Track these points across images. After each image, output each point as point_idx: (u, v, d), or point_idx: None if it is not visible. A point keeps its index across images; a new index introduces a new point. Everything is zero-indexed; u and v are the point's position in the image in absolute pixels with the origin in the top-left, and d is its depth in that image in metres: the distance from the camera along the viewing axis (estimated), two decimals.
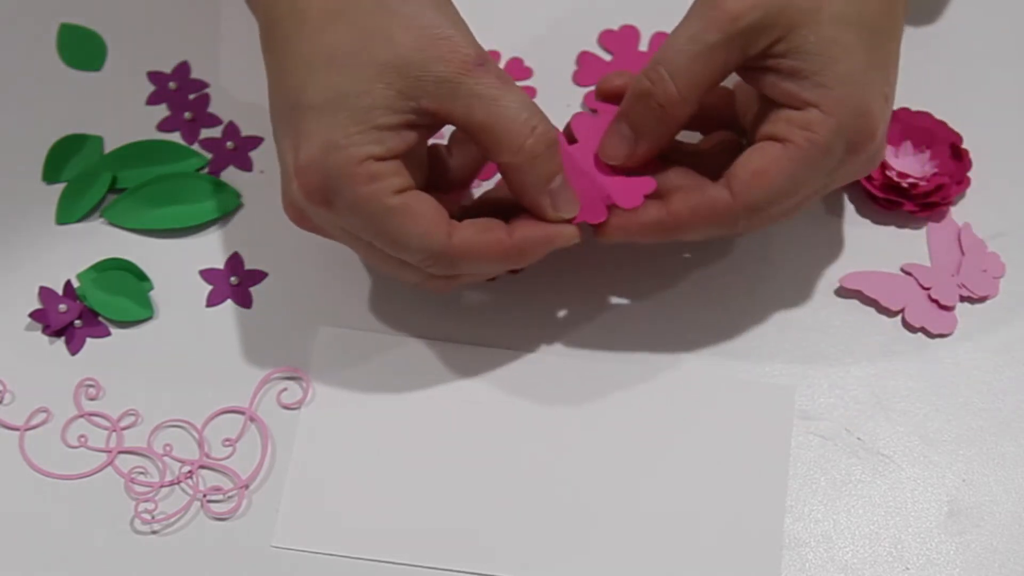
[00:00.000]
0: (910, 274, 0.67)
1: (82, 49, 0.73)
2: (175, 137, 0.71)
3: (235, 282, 0.67)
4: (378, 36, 0.58)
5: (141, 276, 0.67)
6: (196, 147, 0.71)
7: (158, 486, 0.63)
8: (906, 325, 0.67)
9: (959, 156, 0.69)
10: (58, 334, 0.66)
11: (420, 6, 0.58)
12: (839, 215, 0.69)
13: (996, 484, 0.63)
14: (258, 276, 0.68)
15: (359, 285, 0.67)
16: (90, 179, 0.69)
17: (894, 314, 0.67)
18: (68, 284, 0.67)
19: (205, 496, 0.63)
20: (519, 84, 0.60)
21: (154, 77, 0.72)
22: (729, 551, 0.62)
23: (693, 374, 0.65)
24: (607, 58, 0.73)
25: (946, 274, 0.67)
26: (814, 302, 0.67)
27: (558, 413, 0.64)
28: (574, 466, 0.63)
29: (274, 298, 0.67)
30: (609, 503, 0.63)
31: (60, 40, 0.73)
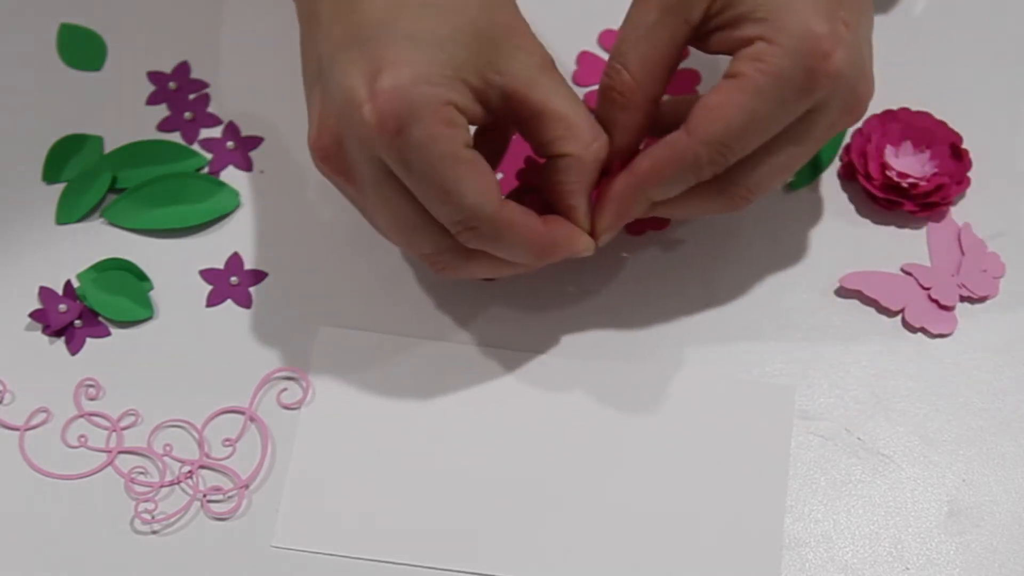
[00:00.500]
0: (910, 274, 0.67)
1: (82, 49, 0.73)
2: (175, 137, 0.71)
3: (235, 282, 0.67)
4: (474, 2, 0.58)
5: (141, 276, 0.67)
6: (196, 147, 0.71)
7: (158, 486, 0.63)
8: (906, 325, 0.67)
9: (959, 156, 0.69)
10: (58, 334, 0.66)
11: None
12: (839, 215, 0.69)
13: (996, 484, 0.63)
14: (258, 276, 0.68)
15: (359, 285, 0.67)
16: (90, 179, 0.69)
17: (894, 314, 0.67)
18: (68, 284, 0.67)
19: (205, 496, 0.63)
20: None
21: (154, 77, 0.72)
22: (729, 551, 0.62)
23: (693, 374, 0.65)
24: (607, 58, 0.73)
25: (946, 274, 0.67)
26: (814, 302, 0.67)
27: (558, 413, 0.64)
28: (574, 466, 0.63)
29: (274, 298, 0.67)
30: (609, 503, 0.63)
31: (60, 40, 0.73)
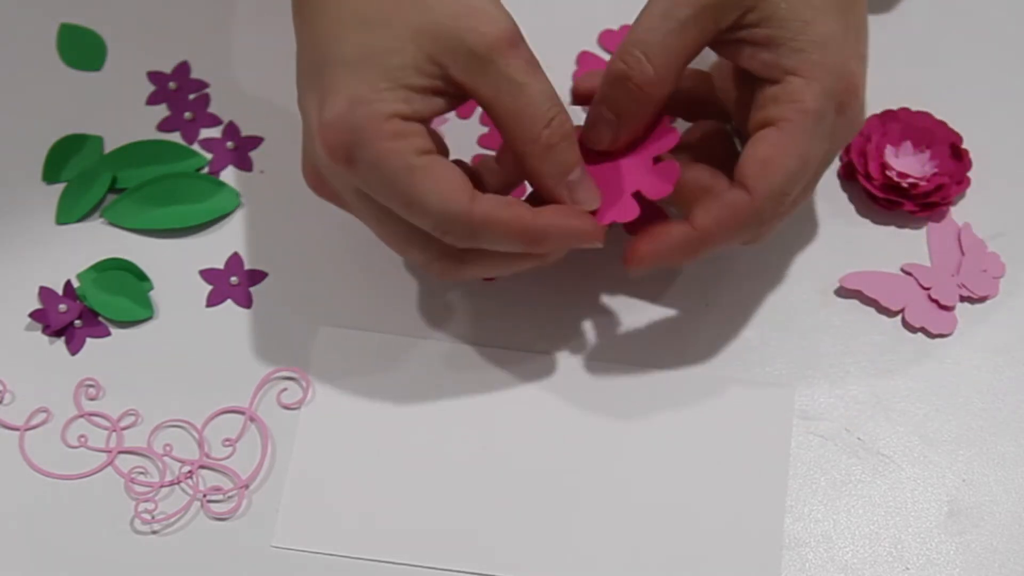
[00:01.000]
0: (910, 274, 0.67)
1: (82, 49, 0.73)
2: (175, 137, 0.71)
3: (235, 282, 0.67)
4: (415, 1, 0.57)
5: (141, 276, 0.67)
6: (196, 147, 0.71)
7: (158, 486, 0.63)
8: (906, 325, 0.67)
9: (959, 156, 0.69)
10: (58, 334, 0.66)
11: None
12: (839, 215, 0.69)
13: (996, 484, 0.63)
14: (258, 276, 0.68)
15: (359, 285, 0.67)
16: (90, 179, 0.69)
17: (894, 314, 0.67)
18: (68, 284, 0.67)
19: (205, 496, 0.63)
20: None
21: (154, 77, 0.72)
22: (729, 551, 0.62)
23: (693, 374, 0.65)
24: (607, 58, 0.73)
25: (946, 274, 0.67)
26: (814, 302, 0.67)
27: (558, 413, 0.64)
28: (574, 466, 0.63)
29: (274, 298, 0.67)
30: (609, 503, 0.63)
31: (60, 40, 0.73)
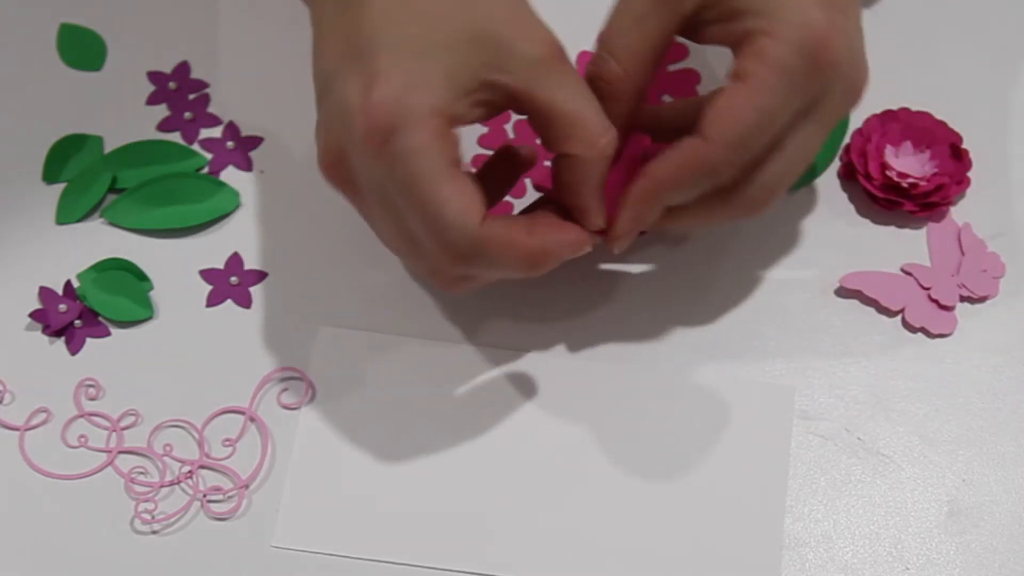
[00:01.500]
0: (910, 274, 0.67)
1: (82, 49, 0.73)
2: (175, 137, 0.71)
3: (235, 282, 0.67)
4: (471, 3, 0.57)
5: (141, 276, 0.67)
6: (196, 147, 0.71)
7: (158, 486, 0.63)
8: (906, 325, 0.67)
9: (959, 156, 0.69)
10: (58, 334, 0.66)
11: None
12: (839, 215, 0.69)
13: (996, 484, 0.63)
14: (258, 276, 0.68)
15: (359, 285, 0.67)
16: (90, 179, 0.69)
17: (894, 314, 0.67)
18: (68, 284, 0.67)
19: (205, 496, 0.63)
20: None
21: (154, 77, 0.72)
22: (729, 551, 0.62)
23: (693, 374, 0.65)
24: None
25: (946, 274, 0.67)
26: (814, 302, 0.67)
27: (558, 413, 0.64)
28: (574, 466, 0.63)
29: (274, 298, 0.67)
30: (609, 503, 0.63)
31: (60, 40, 0.73)
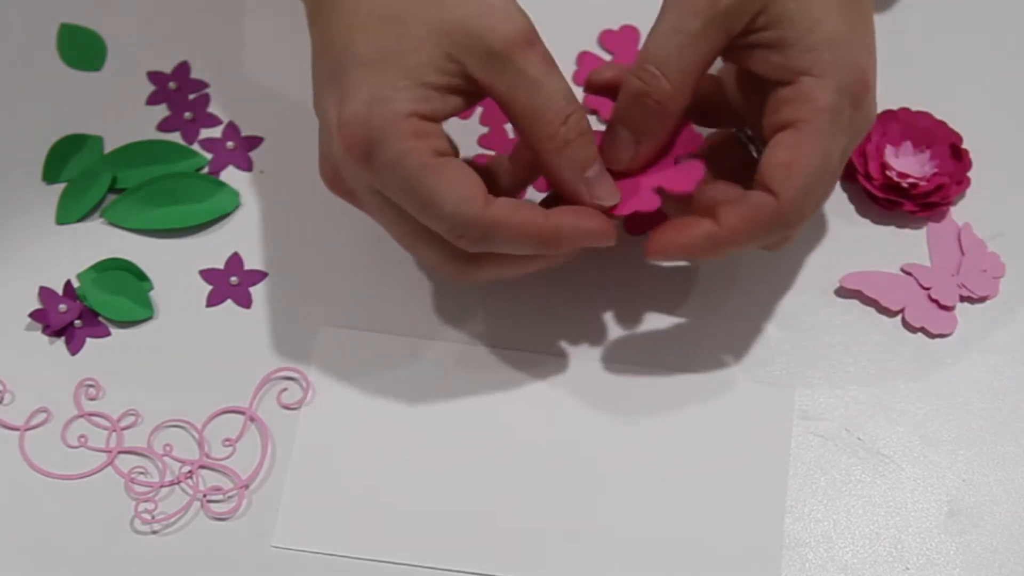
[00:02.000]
0: (910, 274, 0.67)
1: (82, 49, 0.73)
2: (175, 137, 0.71)
3: (235, 282, 0.67)
4: None
5: (141, 276, 0.67)
6: (196, 147, 0.71)
7: (158, 486, 0.63)
8: (906, 325, 0.67)
9: (959, 156, 0.69)
10: (58, 334, 0.66)
11: None
12: (839, 215, 0.69)
13: (996, 484, 0.63)
14: (258, 276, 0.68)
15: (359, 285, 0.67)
16: (90, 179, 0.69)
17: (894, 314, 0.67)
18: (68, 284, 0.67)
19: (205, 496, 0.63)
20: None
21: (154, 77, 0.72)
22: (729, 551, 0.62)
23: (693, 375, 0.65)
24: (607, 58, 0.73)
25: (946, 274, 0.67)
26: (814, 302, 0.67)
27: (558, 413, 0.64)
28: (574, 466, 0.63)
29: (274, 298, 0.67)
30: (609, 503, 0.63)
31: (60, 40, 0.73)
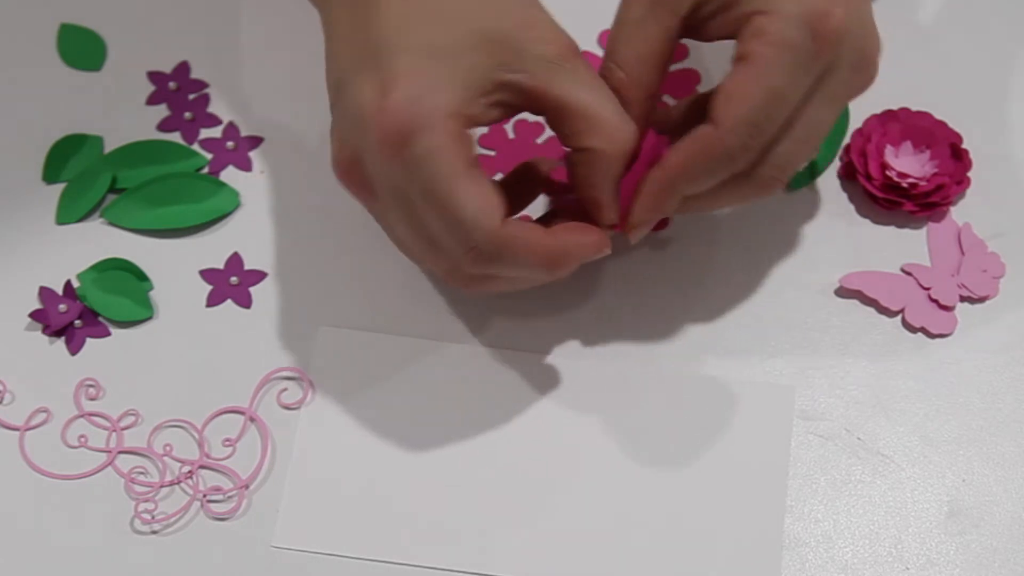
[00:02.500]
0: (910, 274, 0.67)
1: (82, 49, 0.73)
2: (175, 137, 0.71)
3: (235, 282, 0.67)
4: (484, 5, 0.57)
5: (141, 276, 0.67)
6: (196, 147, 0.71)
7: (158, 486, 0.63)
8: (906, 325, 0.67)
9: (959, 156, 0.69)
10: (58, 334, 0.66)
11: None
12: (839, 215, 0.69)
13: (996, 484, 0.63)
14: (258, 276, 0.68)
15: (359, 285, 0.67)
16: (90, 179, 0.69)
17: (894, 314, 0.67)
18: (68, 284, 0.67)
19: (205, 496, 0.63)
20: None
21: (154, 77, 0.72)
22: (729, 551, 0.62)
23: (693, 374, 0.65)
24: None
25: (946, 274, 0.67)
26: (814, 302, 0.67)
27: (558, 413, 0.64)
28: (574, 466, 0.63)
29: (274, 298, 0.67)
30: (609, 503, 0.63)
31: (60, 40, 0.73)
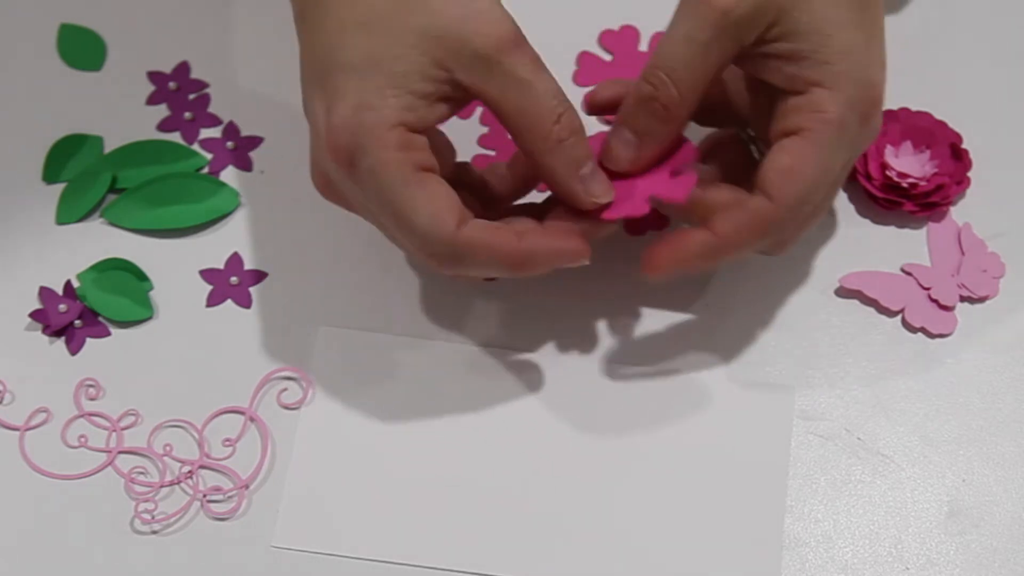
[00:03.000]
0: (910, 274, 0.67)
1: (82, 49, 0.73)
2: (175, 137, 0.71)
3: (235, 282, 0.67)
4: (417, 3, 0.57)
5: (141, 276, 0.67)
6: (196, 147, 0.71)
7: (158, 486, 0.63)
8: (906, 325, 0.67)
9: (959, 156, 0.69)
10: (58, 334, 0.66)
11: None
12: (839, 215, 0.69)
13: (996, 484, 0.63)
14: (258, 276, 0.68)
15: (359, 285, 0.67)
16: (90, 179, 0.69)
17: (894, 314, 0.67)
18: (68, 284, 0.67)
19: (205, 496, 0.63)
20: None
21: (154, 77, 0.72)
22: (729, 551, 0.62)
23: (693, 375, 0.65)
24: (607, 58, 0.73)
25: (946, 274, 0.67)
26: (814, 302, 0.67)
27: (558, 413, 0.64)
28: (574, 466, 0.63)
29: (274, 298, 0.67)
30: (609, 503, 0.63)
31: (60, 40, 0.73)
